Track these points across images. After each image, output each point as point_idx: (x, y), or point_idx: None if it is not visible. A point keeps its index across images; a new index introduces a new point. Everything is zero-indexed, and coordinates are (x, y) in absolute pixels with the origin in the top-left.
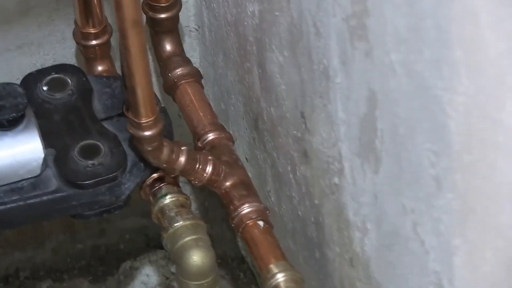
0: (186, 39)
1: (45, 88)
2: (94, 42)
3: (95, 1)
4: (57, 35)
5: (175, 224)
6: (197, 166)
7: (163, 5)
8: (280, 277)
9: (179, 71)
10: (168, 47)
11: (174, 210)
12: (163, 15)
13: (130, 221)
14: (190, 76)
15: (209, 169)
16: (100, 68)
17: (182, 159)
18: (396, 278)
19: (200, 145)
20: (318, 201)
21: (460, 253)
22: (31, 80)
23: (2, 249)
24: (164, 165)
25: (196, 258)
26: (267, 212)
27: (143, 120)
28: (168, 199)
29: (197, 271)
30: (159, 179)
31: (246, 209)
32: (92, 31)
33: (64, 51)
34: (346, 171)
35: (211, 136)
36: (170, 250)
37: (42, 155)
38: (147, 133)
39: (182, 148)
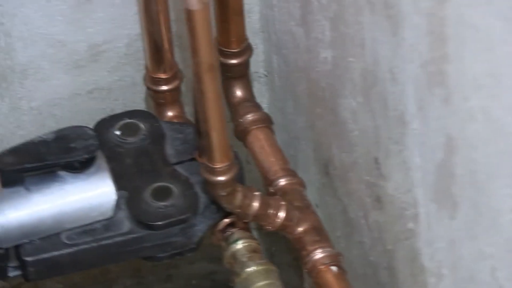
0: (255, 85)
1: (117, 132)
2: (164, 88)
3: (166, 47)
4: (127, 81)
5: (247, 269)
6: (270, 211)
7: (234, 50)
8: None
9: (250, 116)
10: (238, 92)
11: (247, 255)
12: (234, 61)
13: (197, 266)
14: (261, 121)
15: (282, 214)
16: (170, 113)
17: (255, 204)
18: None
19: (271, 190)
20: (391, 246)
21: None
22: (104, 125)
23: None
24: (237, 210)
25: None
26: (340, 257)
27: (217, 165)
28: (240, 244)
29: None
30: (231, 224)
31: (319, 254)
32: (163, 77)
33: (133, 96)
34: (421, 217)
35: (282, 181)
36: None
37: (115, 197)
38: (221, 178)
39: (255, 193)
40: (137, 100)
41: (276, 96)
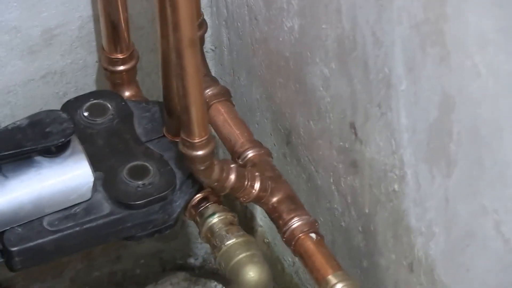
0: None
1: (85, 113)
2: (121, 68)
3: (123, 27)
4: (79, 63)
5: (228, 242)
6: (246, 183)
7: None
8: (340, 287)
9: (209, 91)
10: None
11: (224, 228)
12: None
13: (146, 246)
14: (221, 95)
15: (257, 185)
16: (127, 93)
17: (232, 176)
18: (468, 279)
19: (241, 162)
20: (369, 210)
21: None
22: (70, 107)
23: (23, 280)
24: (215, 184)
25: (253, 273)
26: (317, 224)
27: (197, 140)
28: (216, 218)
29: (255, 286)
30: (204, 199)
31: (296, 222)
32: (120, 57)
33: (85, 79)
34: (409, 178)
35: (251, 153)
36: (224, 268)
37: (92, 179)
38: (200, 152)
39: (231, 165)
40: (89, 83)
41: (224, 70)
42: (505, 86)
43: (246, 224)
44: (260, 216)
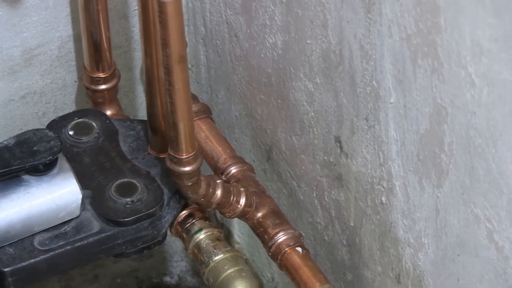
0: None
1: (71, 132)
2: (103, 87)
3: (105, 46)
4: (59, 83)
5: (216, 258)
6: (231, 198)
7: None
8: None
9: None
10: None
11: (211, 244)
12: None
13: (122, 265)
14: (202, 112)
15: (242, 200)
16: (109, 112)
17: (219, 192)
18: None
19: (224, 178)
20: (354, 223)
21: None
22: (55, 126)
23: None
24: (202, 199)
25: None
26: (302, 238)
27: (184, 156)
28: (203, 234)
29: None
30: (190, 215)
31: (282, 237)
32: (102, 76)
33: (64, 98)
34: (397, 189)
35: (234, 169)
36: (213, 284)
37: (80, 196)
38: (187, 168)
39: (218, 181)
40: (68, 102)
41: (202, 87)
42: (500, 95)
43: None
44: (238, 233)
